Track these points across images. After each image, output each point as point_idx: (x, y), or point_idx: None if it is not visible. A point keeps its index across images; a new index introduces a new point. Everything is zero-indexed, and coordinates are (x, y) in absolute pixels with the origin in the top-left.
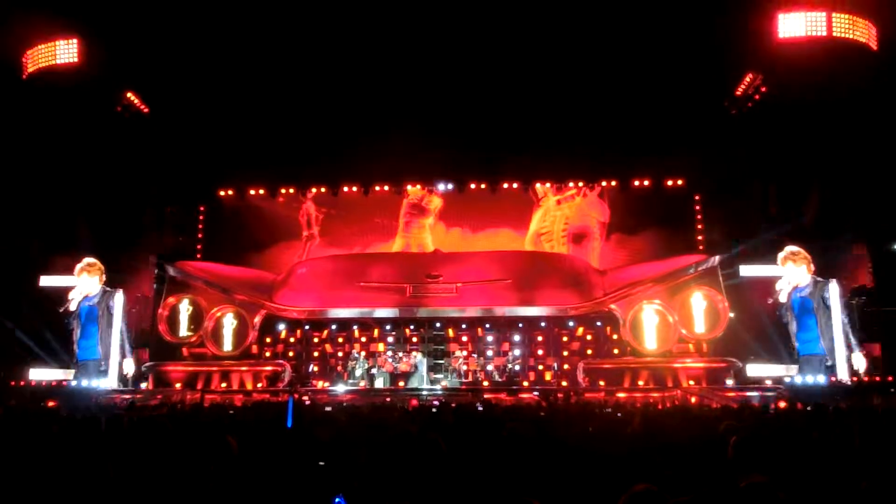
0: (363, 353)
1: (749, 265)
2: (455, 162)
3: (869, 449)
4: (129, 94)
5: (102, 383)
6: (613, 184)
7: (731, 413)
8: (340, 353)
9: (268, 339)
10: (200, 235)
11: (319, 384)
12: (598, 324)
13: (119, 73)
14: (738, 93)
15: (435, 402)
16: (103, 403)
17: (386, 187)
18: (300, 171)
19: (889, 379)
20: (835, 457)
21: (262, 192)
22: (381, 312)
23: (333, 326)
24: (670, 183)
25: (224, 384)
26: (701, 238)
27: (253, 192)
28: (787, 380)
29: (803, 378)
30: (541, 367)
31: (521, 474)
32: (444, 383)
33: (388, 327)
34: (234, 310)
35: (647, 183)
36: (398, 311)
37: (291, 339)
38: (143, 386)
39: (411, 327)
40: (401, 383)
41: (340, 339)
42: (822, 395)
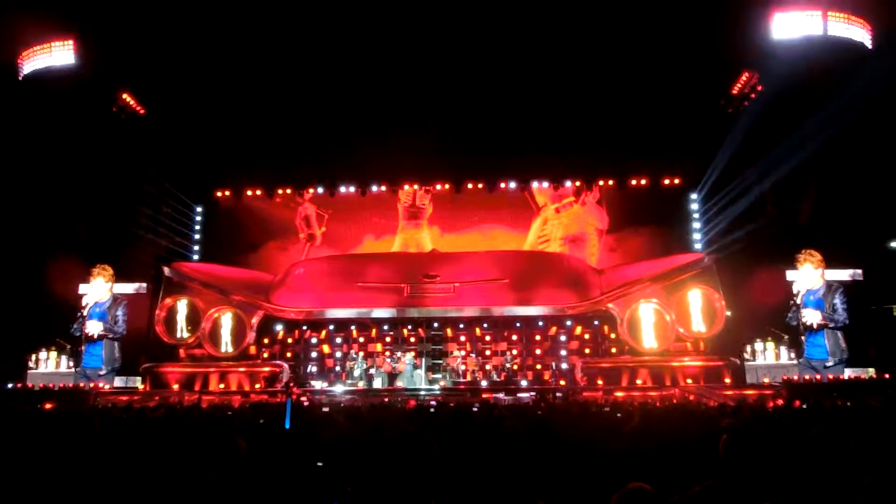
0: (361, 354)
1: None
2: (452, 162)
3: (865, 447)
4: (125, 95)
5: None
6: (610, 183)
7: (728, 411)
8: (338, 354)
9: (265, 340)
10: (197, 236)
11: (317, 385)
12: (596, 323)
13: (115, 73)
14: (735, 91)
15: (432, 403)
16: (100, 405)
17: (383, 188)
18: (297, 171)
19: (885, 377)
20: (830, 454)
21: (259, 192)
22: (379, 313)
23: (331, 327)
24: (667, 182)
25: (222, 385)
26: (698, 237)
27: (250, 193)
28: (785, 378)
29: (801, 377)
30: (539, 367)
31: (519, 474)
32: (442, 383)
33: (385, 327)
34: (231, 311)
35: (643, 182)
36: (396, 311)
37: (289, 340)
38: (140, 387)
39: (409, 327)
40: (399, 383)
41: (338, 340)
42: (818, 393)
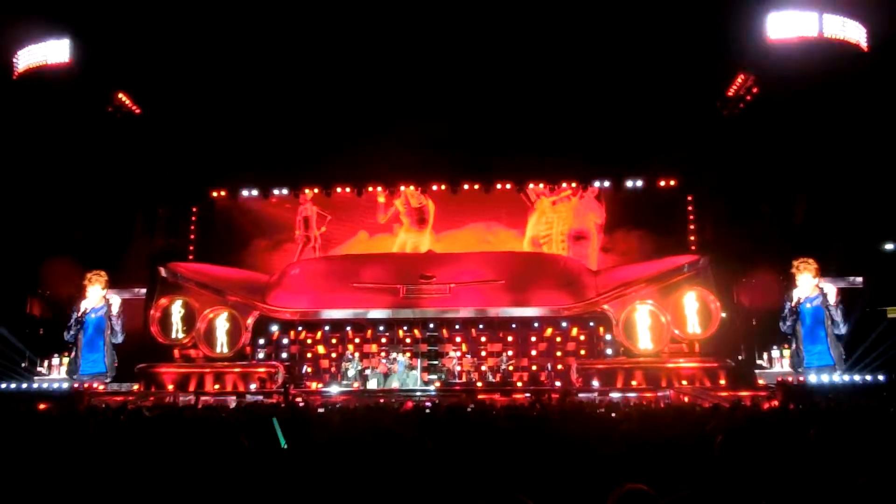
0: (357, 355)
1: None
2: (449, 163)
3: (862, 448)
4: (120, 95)
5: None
6: (606, 184)
7: (722, 413)
8: (334, 355)
9: (261, 341)
10: (192, 236)
11: (313, 385)
12: (592, 324)
13: (110, 73)
14: (730, 93)
15: (427, 404)
16: (95, 406)
17: (379, 188)
18: (293, 172)
19: (881, 378)
20: (825, 456)
21: (254, 193)
22: (375, 313)
23: (327, 327)
24: (663, 183)
25: (217, 386)
26: (693, 238)
27: (245, 193)
28: (780, 379)
29: (795, 378)
30: (534, 368)
31: (513, 474)
32: (437, 384)
33: (381, 328)
34: (226, 311)
35: (640, 184)
36: (391, 312)
37: (285, 341)
38: (135, 388)
39: (405, 328)
40: (394, 384)
41: (334, 341)
42: (814, 394)
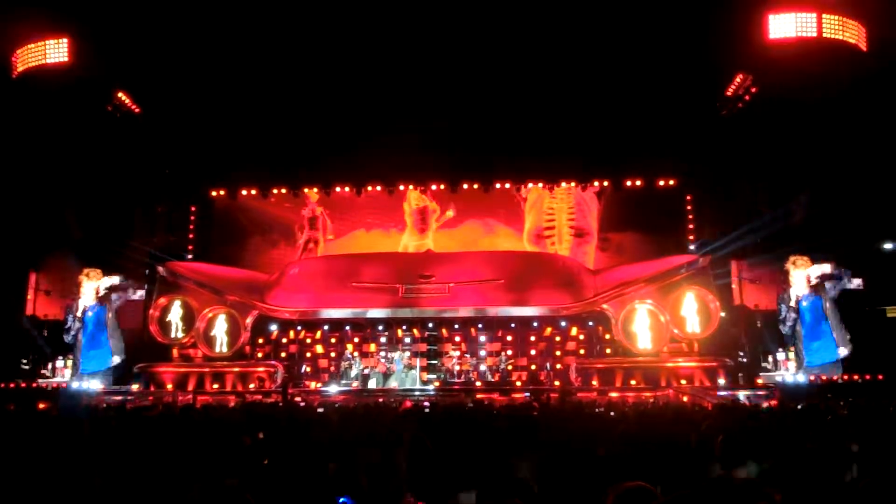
0: (356, 354)
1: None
2: (448, 163)
3: (860, 447)
4: (120, 94)
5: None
6: (606, 184)
7: (721, 412)
8: (333, 354)
9: (260, 340)
10: (192, 236)
11: (312, 385)
12: (591, 324)
13: (110, 72)
14: (729, 93)
15: (426, 403)
16: (93, 405)
17: (378, 188)
18: (292, 171)
19: (879, 378)
20: (824, 455)
21: (254, 192)
22: (374, 313)
23: (326, 327)
24: (662, 183)
25: (216, 385)
26: (692, 238)
27: (245, 193)
28: (778, 379)
29: (794, 378)
30: (533, 367)
31: (512, 474)
32: (436, 383)
33: (380, 328)
34: (225, 311)
35: (639, 183)
36: (391, 311)
37: (284, 340)
38: (134, 387)
39: (404, 328)
40: (393, 383)
41: (333, 340)
42: (811, 394)
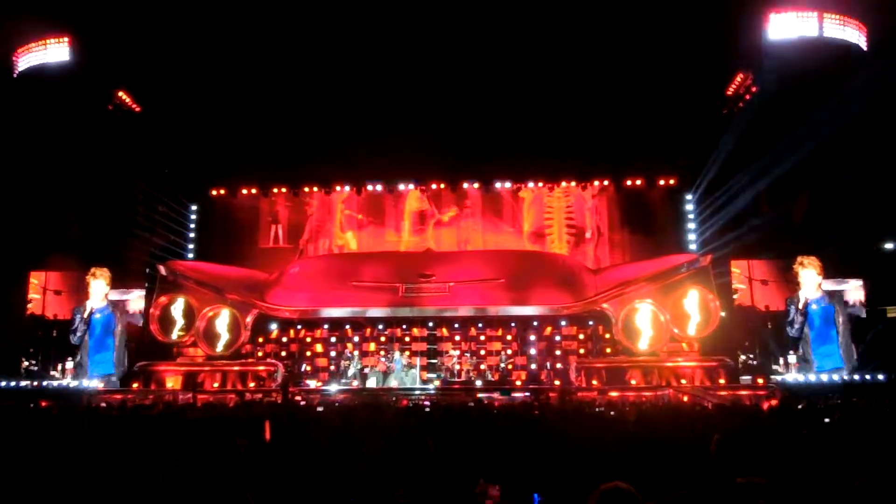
0: (356, 353)
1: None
2: (448, 163)
3: (859, 447)
4: (120, 93)
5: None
6: (606, 183)
7: (721, 412)
8: (333, 353)
9: (260, 339)
10: (192, 235)
11: (312, 384)
12: (591, 323)
13: (111, 71)
14: (730, 92)
15: (426, 402)
16: (93, 404)
17: (378, 187)
18: (292, 170)
19: (879, 378)
20: (824, 454)
21: (254, 191)
22: (374, 312)
23: (326, 326)
24: (662, 182)
25: (216, 384)
26: (693, 237)
27: (245, 192)
28: (779, 378)
29: (795, 377)
30: (533, 367)
31: (511, 472)
32: (437, 382)
33: (380, 327)
34: (226, 309)
35: (639, 182)
36: (391, 310)
37: (284, 339)
38: (134, 386)
39: (404, 327)
40: (392, 382)
41: (333, 339)
42: (812, 393)
